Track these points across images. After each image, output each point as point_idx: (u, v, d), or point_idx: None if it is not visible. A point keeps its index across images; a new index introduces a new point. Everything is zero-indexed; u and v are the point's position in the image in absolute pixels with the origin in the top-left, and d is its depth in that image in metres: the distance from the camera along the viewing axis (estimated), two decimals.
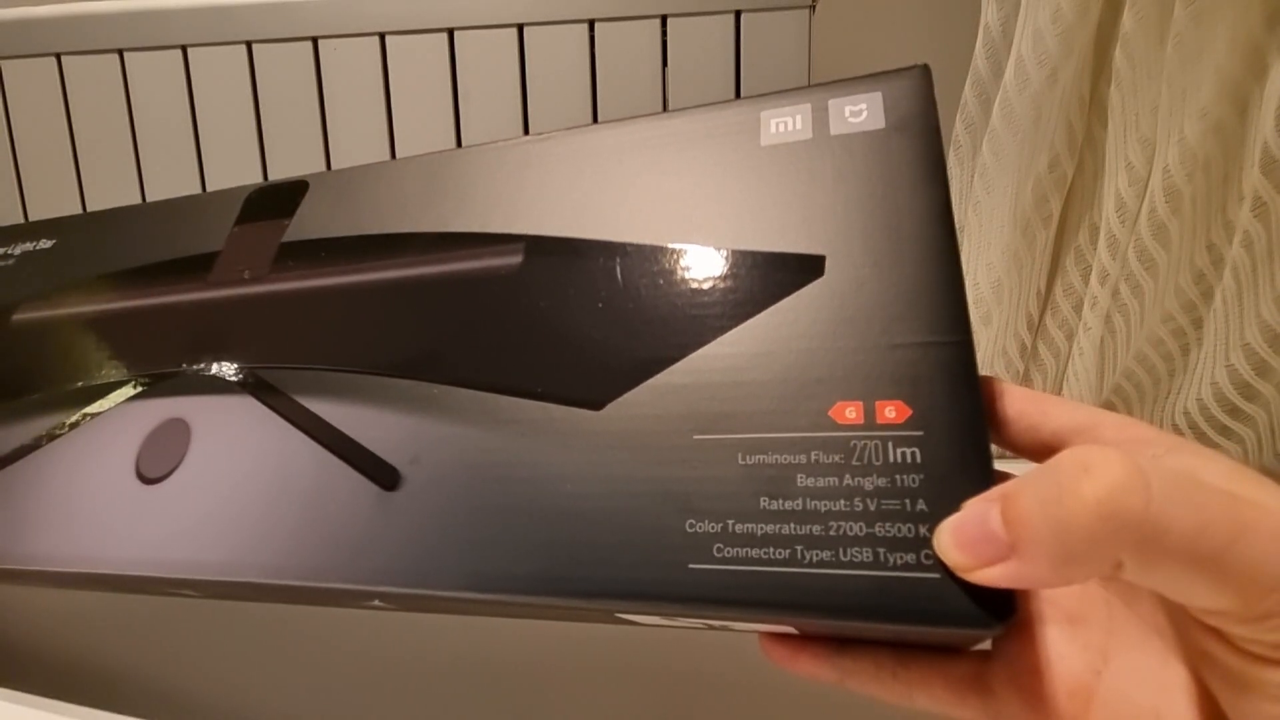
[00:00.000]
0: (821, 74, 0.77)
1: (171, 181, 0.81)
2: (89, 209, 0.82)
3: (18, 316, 0.32)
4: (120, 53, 0.79)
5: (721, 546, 0.18)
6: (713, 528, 0.18)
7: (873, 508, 0.17)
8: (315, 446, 0.23)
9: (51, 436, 0.28)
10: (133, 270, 0.31)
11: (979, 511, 0.16)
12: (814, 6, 0.72)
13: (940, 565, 0.16)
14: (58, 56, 0.79)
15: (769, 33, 0.72)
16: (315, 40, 0.76)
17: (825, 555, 0.17)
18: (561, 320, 0.23)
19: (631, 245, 0.23)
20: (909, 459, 0.17)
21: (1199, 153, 0.51)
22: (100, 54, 0.79)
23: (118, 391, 0.28)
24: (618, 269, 0.23)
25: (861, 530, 0.17)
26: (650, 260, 0.23)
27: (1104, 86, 0.59)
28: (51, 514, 0.26)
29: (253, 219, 0.31)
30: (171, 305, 0.29)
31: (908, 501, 0.17)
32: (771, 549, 0.17)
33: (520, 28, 0.74)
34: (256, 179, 0.81)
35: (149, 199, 0.82)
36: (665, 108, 0.75)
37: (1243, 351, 0.50)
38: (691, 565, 0.18)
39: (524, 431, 0.21)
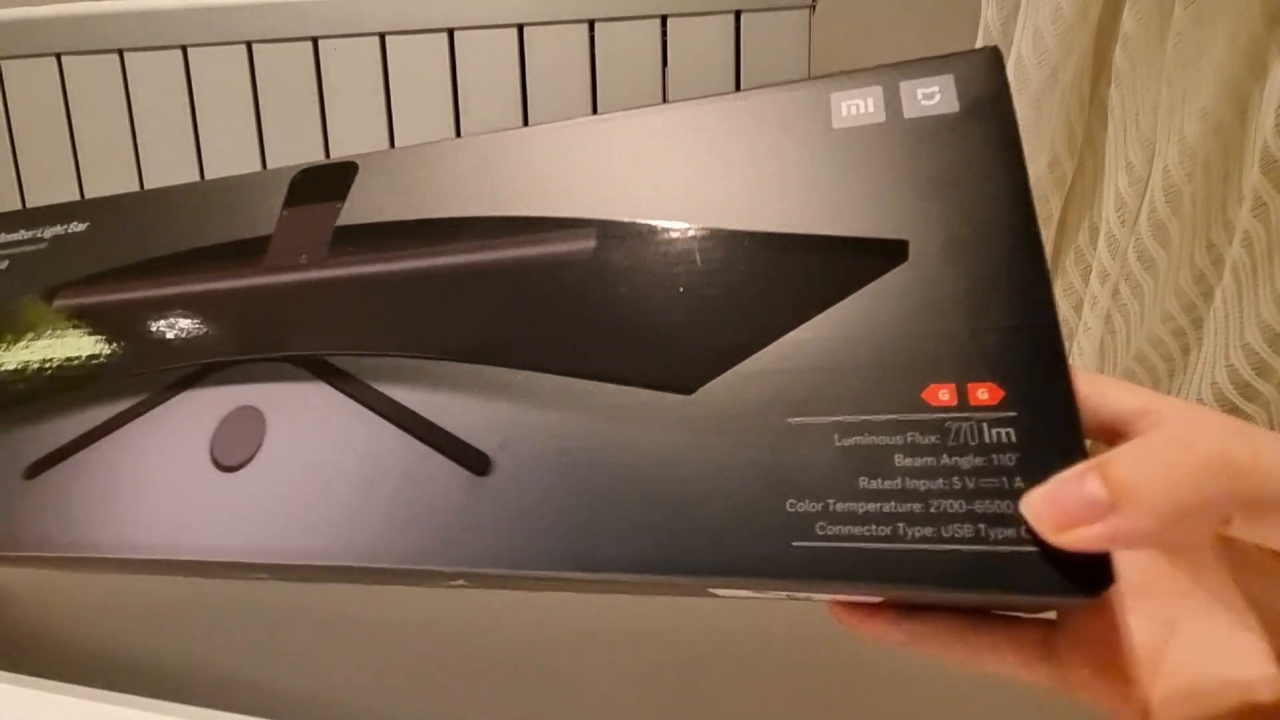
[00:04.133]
0: (821, 74, 0.77)
1: (171, 181, 0.81)
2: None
3: (62, 302, 0.32)
4: (120, 53, 0.79)
5: (824, 525, 0.18)
6: (813, 507, 0.19)
7: (971, 486, 0.18)
8: (400, 433, 0.23)
9: (115, 426, 0.27)
10: (180, 254, 0.31)
11: (1073, 475, 0.17)
12: (814, 6, 0.72)
13: (1040, 538, 0.17)
14: (58, 56, 0.79)
15: (769, 33, 0.72)
16: (315, 40, 0.76)
17: (927, 531, 0.18)
18: (643, 305, 0.23)
19: (710, 230, 0.23)
20: (1004, 439, 0.18)
21: (1199, 153, 0.51)
22: (100, 54, 0.79)
23: (181, 379, 0.28)
24: (696, 254, 0.23)
25: (961, 508, 0.18)
26: (730, 245, 0.23)
27: (1104, 86, 0.59)
28: (122, 503, 0.26)
29: (302, 202, 0.30)
30: (228, 291, 0.29)
31: (1005, 479, 0.18)
32: (873, 526, 0.18)
33: (520, 28, 0.74)
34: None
35: None
36: None
37: (1243, 351, 0.50)
38: (795, 543, 0.18)
39: (613, 416, 0.21)
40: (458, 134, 0.77)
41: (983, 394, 0.19)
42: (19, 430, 0.29)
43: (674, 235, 0.23)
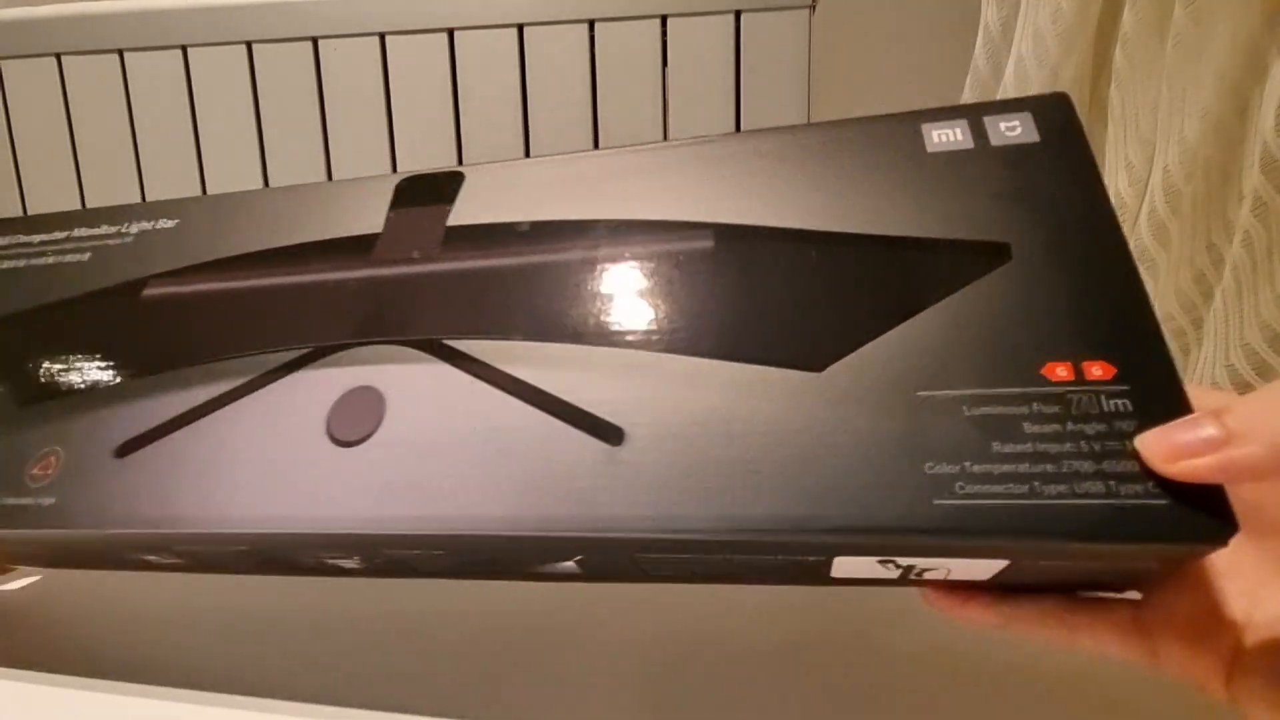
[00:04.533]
0: (821, 74, 0.77)
1: (171, 181, 0.81)
2: (88, 208, 0.83)
3: (161, 289, 0.32)
4: (120, 53, 0.79)
5: (963, 484, 0.20)
6: (951, 469, 0.20)
7: (1097, 448, 0.20)
8: (526, 408, 0.24)
9: (215, 407, 0.28)
10: (282, 249, 0.31)
11: (1188, 419, 0.19)
12: (814, 6, 0.72)
13: (1167, 492, 0.19)
14: (58, 56, 0.79)
15: (769, 33, 0.72)
16: (315, 40, 0.76)
17: (1061, 489, 0.19)
18: (767, 294, 0.25)
19: (828, 232, 0.25)
20: (1122, 408, 0.20)
21: (1199, 153, 0.51)
22: (100, 54, 0.79)
23: (287, 363, 0.28)
24: (814, 253, 0.25)
25: (1090, 467, 0.19)
26: (846, 245, 0.25)
27: (1104, 86, 0.59)
28: (226, 479, 0.26)
29: (408, 205, 0.31)
30: (336, 280, 0.29)
31: (1127, 443, 0.19)
32: (1010, 485, 0.20)
33: (520, 28, 0.74)
34: (256, 178, 0.81)
35: (149, 198, 0.82)
36: (665, 107, 0.75)
37: (1243, 351, 0.50)
38: (936, 501, 0.20)
39: (745, 392, 0.23)
40: (458, 133, 0.77)
41: (1097, 371, 0.21)
42: (107, 411, 0.28)
43: (794, 237, 0.26)
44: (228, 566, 0.31)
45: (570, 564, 0.25)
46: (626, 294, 0.26)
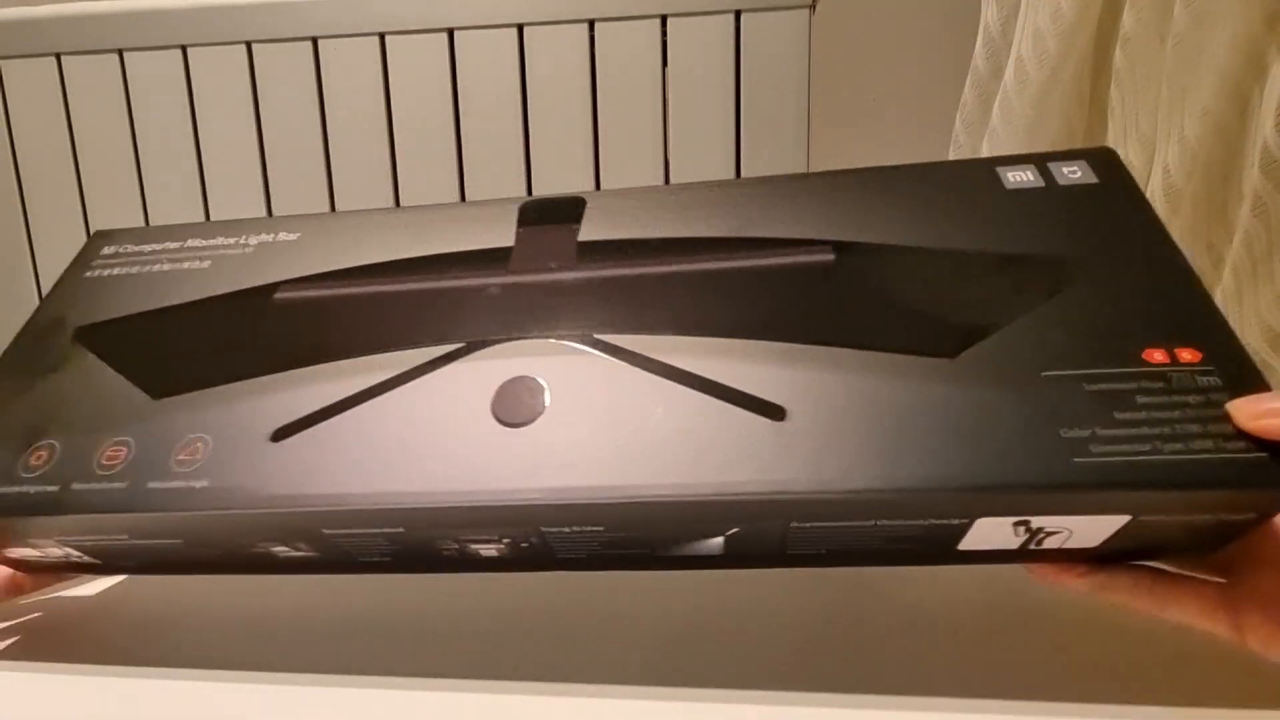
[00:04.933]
0: (821, 74, 0.77)
1: (171, 181, 0.81)
2: (88, 208, 0.83)
3: (303, 292, 0.33)
4: (120, 53, 0.79)
5: (1094, 445, 0.23)
6: (1084, 433, 0.23)
7: (1201, 414, 0.23)
8: (688, 392, 0.27)
9: (371, 395, 0.29)
10: (419, 258, 0.33)
11: (1271, 391, 0.23)
12: (814, 6, 0.72)
13: (1261, 448, 0.22)
14: (58, 56, 0.79)
15: (769, 33, 0.72)
16: (315, 40, 0.76)
17: (1178, 446, 0.23)
18: (895, 295, 0.28)
19: (942, 248, 0.29)
20: (1214, 384, 0.24)
21: (1199, 153, 0.51)
22: (100, 54, 0.79)
23: (440, 358, 0.29)
24: (931, 265, 0.29)
25: (1200, 429, 0.23)
26: (956, 258, 0.29)
27: (1104, 86, 0.59)
28: (392, 457, 0.27)
29: (536, 223, 0.34)
30: (483, 286, 0.32)
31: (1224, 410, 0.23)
32: (1136, 444, 0.23)
33: (520, 28, 0.74)
34: (256, 178, 0.81)
35: (149, 198, 0.82)
36: (665, 108, 0.75)
37: None
38: (1075, 459, 0.23)
39: (889, 375, 0.26)
40: (458, 133, 0.77)
41: (1187, 355, 0.25)
42: (256, 400, 0.30)
43: (910, 252, 0.29)
44: (357, 562, 0.32)
45: (718, 541, 0.28)
46: (767, 296, 0.29)
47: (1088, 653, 0.29)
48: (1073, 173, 0.31)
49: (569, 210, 0.34)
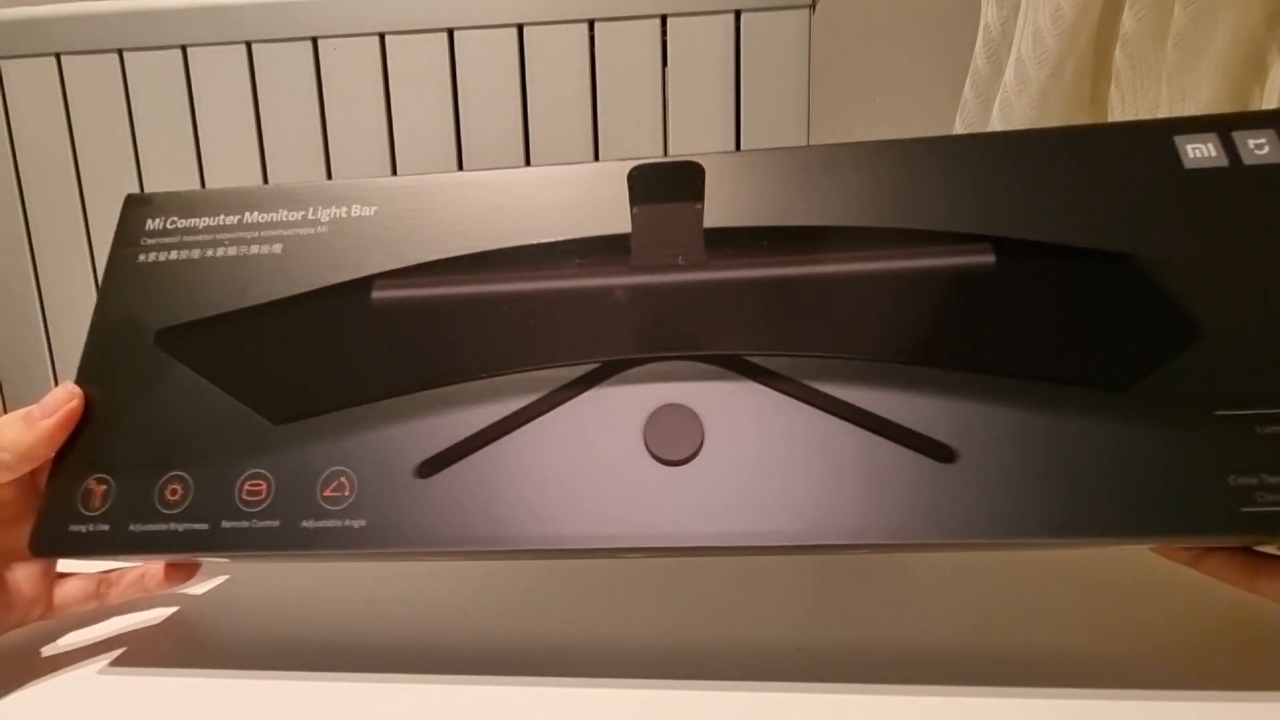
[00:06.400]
0: (821, 74, 0.77)
1: (171, 181, 0.81)
2: (89, 209, 0.82)
3: (406, 293, 0.30)
4: (120, 53, 0.79)
5: (1263, 494, 0.23)
6: (1251, 481, 0.23)
7: None
8: (851, 428, 0.26)
9: (517, 423, 0.28)
10: (528, 248, 0.30)
11: None
12: (814, 6, 0.72)
13: None
14: (58, 56, 0.79)
15: (769, 33, 0.72)
16: (315, 40, 0.76)
17: None
18: (1062, 313, 0.26)
19: (1112, 252, 0.27)
20: None
21: None
22: (100, 54, 0.79)
23: (583, 377, 0.28)
24: (1104, 272, 0.26)
25: None
26: (1127, 268, 0.26)
27: (1104, 86, 0.59)
28: (551, 498, 0.26)
29: (651, 200, 0.31)
30: (606, 287, 0.29)
31: None
32: None
33: (520, 28, 0.74)
34: (256, 178, 0.81)
35: None
36: (665, 108, 0.75)
37: None
38: (1244, 509, 0.23)
39: (1058, 410, 0.25)
40: (458, 133, 0.77)
41: None
42: (388, 428, 0.28)
43: (1070, 254, 0.27)
44: (513, 558, 0.32)
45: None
46: (924, 309, 0.27)
47: (1088, 646, 0.29)
48: (1260, 148, 0.27)
49: (688, 183, 0.31)
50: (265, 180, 0.81)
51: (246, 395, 0.30)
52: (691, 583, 0.36)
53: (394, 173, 0.80)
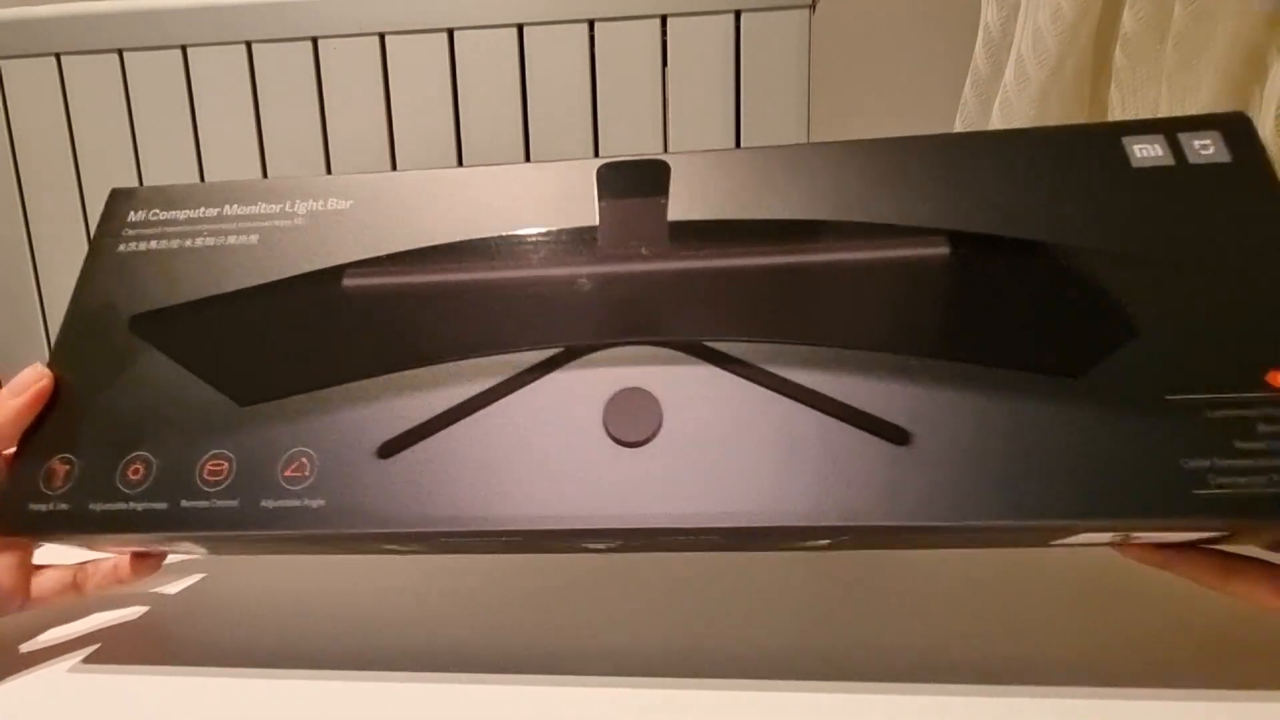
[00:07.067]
0: (821, 74, 0.77)
1: (171, 181, 0.81)
2: (88, 209, 0.83)
3: (376, 281, 0.31)
4: (120, 53, 0.79)
5: (1214, 476, 0.23)
6: (1203, 464, 0.23)
7: None
8: (807, 411, 0.26)
9: (477, 406, 0.28)
10: (497, 239, 0.31)
11: None
12: (814, 6, 0.72)
13: None
14: (58, 56, 0.79)
15: (769, 33, 0.72)
16: (315, 40, 0.76)
17: None
18: (1015, 302, 0.27)
19: (1063, 246, 0.27)
20: None
21: None
22: (100, 54, 0.79)
23: (543, 362, 0.28)
24: (1057, 263, 0.27)
25: None
26: (1078, 261, 0.27)
27: (1104, 86, 0.59)
28: (509, 479, 0.26)
29: (618, 195, 0.31)
30: (571, 276, 0.30)
31: None
32: (1253, 476, 0.23)
33: (520, 28, 0.74)
34: (256, 178, 0.81)
35: None
36: (665, 108, 0.75)
37: None
38: (1195, 492, 0.23)
39: (1012, 394, 0.25)
40: (458, 133, 0.77)
41: None
42: (351, 411, 0.29)
43: (1026, 248, 0.28)
44: (472, 550, 0.31)
45: (824, 540, 0.28)
46: (882, 299, 0.28)
47: (1089, 646, 0.29)
48: (1205, 147, 0.28)
49: (654, 179, 0.32)
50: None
51: (214, 378, 0.30)
52: (692, 583, 0.36)
53: (394, 168, 0.79)
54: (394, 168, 0.79)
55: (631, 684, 0.29)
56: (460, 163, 0.78)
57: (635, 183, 0.32)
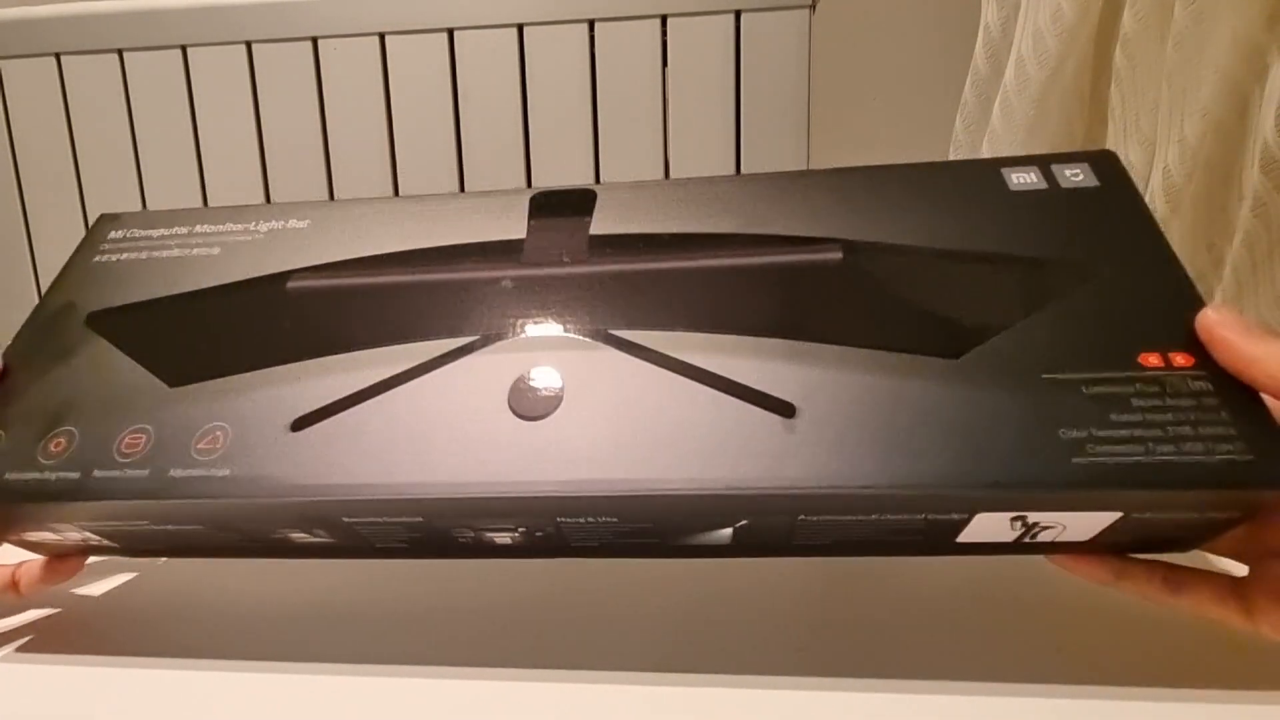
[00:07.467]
0: (822, 74, 0.77)
1: (171, 181, 0.81)
2: (88, 209, 0.83)
3: (316, 282, 0.33)
4: (120, 53, 0.79)
5: (1092, 446, 0.24)
6: (1080, 434, 0.24)
7: (1193, 418, 0.24)
8: (700, 388, 0.27)
9: (390, 386, 0.29)
10: (432, 249, 0.34)
11: (1253, 392, 0.24)
12: (814, 6, 0.72)
13: (1252, 450, 0.23)
14: (58, 56, 0.79)
15: (769, 33, 0.72)
16: (315, 40, 0.76)
17: (1169, 449, 0.24)
18: (901, 295, 0.29)
19: (947, 250, 0.30)
20: (1205, 388, 0.25)
21: (1199, 153, 0.51)
22: (100, 54, 0.79)
23: (456, 350, 0.30)
24: (941, 264, 0.29)
25: (1191, 431, 0.24)
26: (960, 262, 0.29)
27: (1104, 86, 0.59)
28: (413, 449, 0.27)
29: (548, 215, 0.34)
30: (496, 278, 0.32)
31: (1215, 414, 0.24)
32: (1131, 446, 0.24)
33: (520, 28, 0.74)
34: (256, 178, 0.81)
35: (149, 198, 0.82)
36: (665, 108, 0.75)
37: None
38: (1073, 460, 0.24)
39: (895, 374, 0.27)
40: (458, 133, 0.77)
41: (1180, 360, 0.25)
42: (273, 391, 0.30)
43: (913, 252, 0.30)
44: (374, 547, 0.32)
45: (726, 532, 0.29)
46: (779, 296, 0.30)
47: (1085, 639, 0.30)
48: (1075, 175, 0.32)
49: (580, 203, 0.35)
50: (265, 180, 0.81)
51: (149, 361, 0.32)
52: (692, 583, 0.36)
53: (394, 172, 0.80)
54: (394, 167, 0.79)
55: (630, 682, 0.29)
56: (460, 163, 0.78)
57: (563, 206, 0.35)
